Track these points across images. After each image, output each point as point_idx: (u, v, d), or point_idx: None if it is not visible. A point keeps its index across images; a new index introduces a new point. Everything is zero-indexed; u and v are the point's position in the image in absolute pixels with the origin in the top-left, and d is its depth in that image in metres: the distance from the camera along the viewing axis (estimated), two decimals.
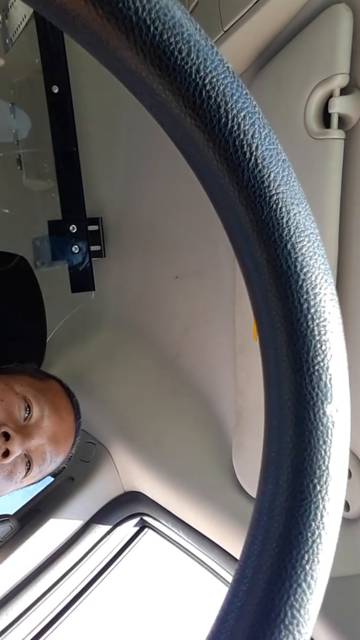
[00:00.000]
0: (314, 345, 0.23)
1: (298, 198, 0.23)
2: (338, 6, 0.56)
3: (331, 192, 0.59)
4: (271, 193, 0.22)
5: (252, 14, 0.62)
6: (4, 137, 1.12)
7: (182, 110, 0.21)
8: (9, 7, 1.10)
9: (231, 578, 0.23)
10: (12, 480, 0.79)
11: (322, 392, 0.23)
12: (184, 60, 0.20)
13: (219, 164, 0.22)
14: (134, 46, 0.20)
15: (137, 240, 1.05)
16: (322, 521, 0.22)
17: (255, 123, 0.22)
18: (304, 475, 0.22)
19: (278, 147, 0.23)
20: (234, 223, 0.23)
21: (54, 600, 0.91)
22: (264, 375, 0.25)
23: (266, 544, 0.22)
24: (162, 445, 0.93)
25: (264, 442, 0.24)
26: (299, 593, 0.21)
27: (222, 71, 0.21)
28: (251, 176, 0.22)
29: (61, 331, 1.16)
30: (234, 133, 0.21)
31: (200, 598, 1.17)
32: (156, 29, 0.20)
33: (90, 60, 0.23)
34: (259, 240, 0.23)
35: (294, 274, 0.23)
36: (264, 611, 0.21)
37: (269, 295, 0.23)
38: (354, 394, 0.25)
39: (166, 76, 0.20)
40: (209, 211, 0.24)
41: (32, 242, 1.14)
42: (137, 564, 1.03)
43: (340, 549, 0.23)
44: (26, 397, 0.81)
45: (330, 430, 0.22)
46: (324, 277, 0.23)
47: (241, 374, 0.78)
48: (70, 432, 0.86)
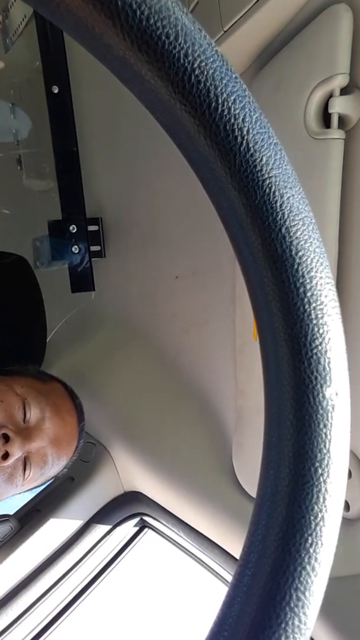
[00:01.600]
0: (312, 328, 0.23)
1: (291, 181, 0.23)
2: (338, 6, 0.56)
3: (331, 192, 0.59)
4: (264, 177, 0.22)
5: (252, 14, 0.62)
6: (4, 137, 1.12)
7: (171, 96, 0.21)
8: (9, 7, 1.10)
9: (231, 578, 0.23)
10: (13, 484, 0.78)
11: (321, 375, 0.23)
12: (172, 44, 0.20)
13: (210, 149, 0.22)
14: (121, 31, 0.19)
15: (137, 240, 1.05)
16: (325, 504, 0.22)
17: (246, 107, 0.22)
18: (305, 459, 0.22)
19: (269, 131, 0.22)
20: (228, 209, 0.23)
21: (54, 600, 0.91)
22: (262, 361, 0.24)
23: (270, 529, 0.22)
24: (162, 445, 0.93)
25: (265, 428, 0.24)
26: (303, 576, 0.21)
27: (211, 55, 0.21)
28: (243, 160, 0.22)
29: (61, 331, 1.16)
30: (224, 117, 0.21)
31: (200, 598, 1.17)
32: (142, 13, 0.19)
33: (90, 60, 0.22)
34: (252, 225, 0.22)
35: (289, 257, 0.22)
36: (270, 594, 0.21)
37: (265, 281, 0.23)
38: (354, 393, 0.25)
39: (154, 61, 0.20)
40: (209, 211, 0.24)
41: (32, 242, 1.14)
42: (137, 564, 1.03)
43: (340, 549, 0.23)
44: (27, 398, 0.80)
45: (330, 414, 0.22)
46: (320, 261, 0.23)
47: (241, 374, 0.78)
48: (72, 435, 0.85)
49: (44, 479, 0.84)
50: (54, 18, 0.20)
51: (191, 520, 0.87)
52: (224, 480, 0.83)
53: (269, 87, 0.65)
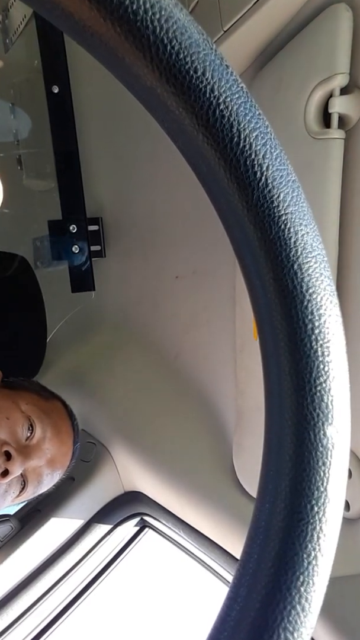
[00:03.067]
0: (317, 366, 0.23)
1: (306, 219, 0.23)
2: (338, 6, 0.56)
3: (331, 192, 0.59)
4: (280, 213, 0.22)
5: (252, 14, 0.62)
6: (4, 137, 1.12)
7: (195, 128, 0.21)
8: (9, 7, 1.10)
9: (231, 577, 0.23)
10: (5, 500, 0.79)
11: (323, 413, 0.23)
12: (199, 79, 0.20)
13: (229, 183, 0.22)
14: (150, 64, 0.20)
15: (137, 240, 1.05)
16: (319, 543, 0.22)
17: (267, 143, 0.22)
18: (301, 496, 0.22)
19: (288, 168, 0.23)
20: (242, 241, 0.23)
21: (55, 600, 0.91)
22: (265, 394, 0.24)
23: (261, 563, 0.22)
24: (162, 445, 0.93)
25: (263, 460, 0.24)
26: (292, 615, 0.21)
27: (236, 91, 0.21)
28: (261, 196, 0.22)
29: (61, 331, 1.16)
30: (245, 153, 0.22)
31: (200, 598, 1.17)
32: (173, 48, 0.20)
33: (90, 60, 0.23)
34: (266, 259, 0.23)
35: (300, 294, 0.23)
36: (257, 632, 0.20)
37: (274, 314, 0.23)
38: (354, 394, 0.25)
39: (180, 94, 0.21)
40: (209, 211, 0.24)
41: (32, 242, 1.14)
42: (138, 564, 1.03)
43: (340, 549, 0.23)
44: (31, 417, 0.81)
45: (330, 452, 0.22)
46: (329, 299, 0.23)
47: (241, 374, 0.78)
48: (67, 456, 0.86)
49: (35, 495, 0.85)
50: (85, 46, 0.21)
51: (191, 520, 0.87)
52: (224, 480, 0.83)
53: (269, 87, 0.65)
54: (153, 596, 1.40)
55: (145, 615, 1.41)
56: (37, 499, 0.95)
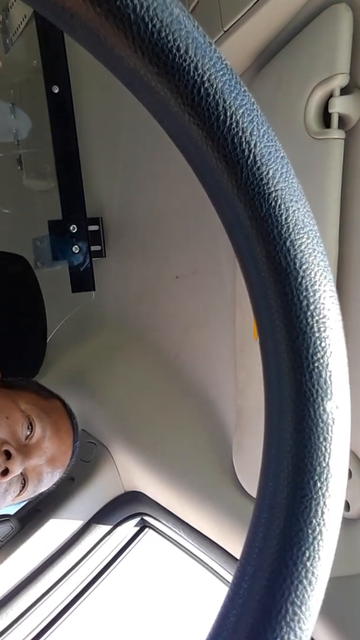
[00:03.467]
0: (314, 342, 0.23)
1: (297, 195, 0.23)
2: (338, 6, 0.56)
3: (331, 192, 0.59)
4: (270, 190, 0.22)
5: (252, 14, 0.62)
6: (4, 137, 1.12)
7: (180, 108, 0.21)
8: (9, 7, 1.10)
9: (231, 578, 0.23)
10: (5, 499, 0.79)
11: (322, 389, 0.23)
12: (182, 57, 0.20)
13: (217, 162, 0.22)
14: (132, 44, 0.20)
15: (137, 240, 1.05)
16: (323, 518, 0.22)
17: (254, 120, 0.22)
18: (304, 472, 0.22)
19: (276, 144, 0.23)
20: (233, 220, 0.23)
21: (55, 600, 0.91)
22: (263, 373, 0.24)
23: (267, 541, 0.22)
24: (162, 445, 0.93)
25: (264, 440, 0.24)
26: (300, 590, 0.21)
27: (220, 68, 0.21)
28: (250, 173, 0.22)
29: (61, 331, 1.16)
30: (232, 130, 0.21)
31: (200, 598, 1.17)
32: (154, 27, 0.19)
33: (90, 60, 0.23)
34: (257, 237, 0.23)
35: (293, 270, 0.22)
36: (266, 608, 0.21)
37: (268, 293, 0.23)
38: (355, 394, 0.25)
39: (164, 74, 0.20)
40: (209, 211, 0.24)
41: (32, 242, 1.14)
42: (138, 564, 1.03)
43: (340, 549, 0.23)
44: (30, 416, 0.81)
45: (330, 427, 0.22)
46: (324, 274, 0.23)
47: (241, 374, 0.78)
48: (67, 455, 0.86)
49: (35, 494, 0.85)
50: (66, 28, 0.20)
51: (191, 520, 0.87)
52: (224, 480, 0.83)
53: (269, 87, 0.65)
54: (153, 596, 1.40)
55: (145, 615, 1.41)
56: (37, 498, 0.95)
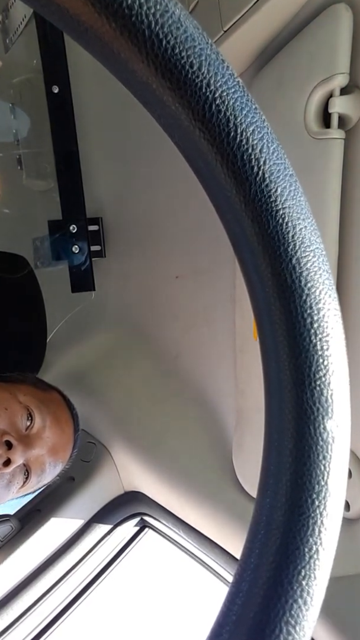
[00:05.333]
0: (317, 360, 0.23)
1: (304, 213, 0.23)
2: (338, 6, 0.56)
3: (331, 192, 0.59)
4: (277, 207, 0.22)
5: (252, 14, 0.62)
6: (4, 137, 1.12)
7: (191, 123, 0.21)
8: (9, 7, 1.10)
9: (231, 577, 0.23)
10: (10, 490, 0.79)
11: (323, 407, 0.23)
12: (195, 74, 0.20)
13: (226, 177, 0.22)
14: (146, 59, 0.20)
15: (137, 240, 1.05)
16: (320, 537, 0.22)
17: (264, 137, 0.22)
18: (302, 490, 0.22)
19: (285, 162, 0.23)
20: (240, 236, 0.23)
21: (55, 600, 0.91)
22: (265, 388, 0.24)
23: (263, 558, 0.22)
24: (162, 445, 0.93)
25: (264, 455, 0.24)
26: (294, 609, 0.21)
27: (232, 85, 0.21)
28: (258, 190, 0.22)
29: (61, 331, 1.16)
30: (242, 147, 0.22)
31: (200, 598, 1.17)
32: (168, 43, 0.20)
33: (90, 60, 0.23)
34: (264, 254, 0.23)
35: (298, 288, 0.23)
36: (259, 626, 0.21)
37: (273, 309, 0.23)
38: (355, 394, 0.25)
39: (176, 89, 0.20)
40: (209, 211, 0.24)
41: (32, 242, 1.14)
42: (138, 564, 1.03)
43: (340, 549, 0.23)
44: (29, 406, 0.81)
45: (330, 446, 0.22)
46: (328, 293, 0.23)
47: (241, 374, 0.78)
48: (68, 444, 0.86)
49: (39, 486, 0.85)
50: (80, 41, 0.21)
51: (191, 520, 0.87)
52: (224, 480, 0.83)
53: (269, 87, 0.65)
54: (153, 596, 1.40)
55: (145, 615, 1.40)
56: (37, 498, 0.95)
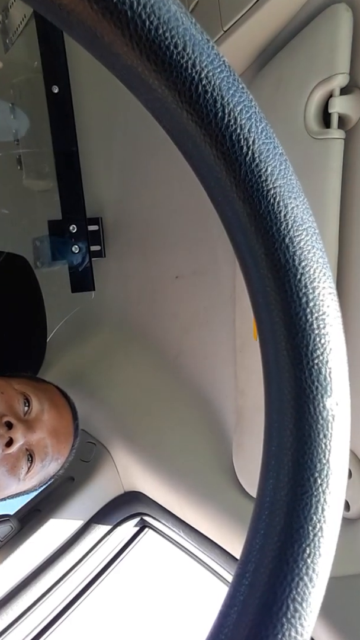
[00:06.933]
0: (313, 339, 0.23)
1: (295, 192, 0.23)
2: (338, 6, 0.56)
3: (331, 192, 0.59)
4: (268, 187, 0.22)
5: (252, 14, 0.62)
6: (4, 137, 1.12)
7: (178, 105, 0.21)
8: (9, 7, 1.10)
9: (231, 577, 0.23)
10: (15, 476, 0.79)
11: (321, 385, 0.22)
12: (180, 54, 0.20)
13: (215, 159, 0.22)
14: (130, 41, 0.19)
15: (137, 240, 1.05)
16: (324, 514, 0.22)
17: (252, 117, 0.22)
18: (304, 469, 0.22)
19: (275, 141, 0.22)
20: (232, 217, 0.23)
21: (55, 600, 0.91)
22: (263, 370, 0.24)
23: (268, 538, 0.22)
24: (162, 445, 0.93)
25: (265, 437, 0.24)
26: (300, 586, 0.21)
27: (218, 65, 0.21)
28: (248, 170, 0.22)
29: (61, 331, 1.16)
30: (230, 127, 0.21)
31: (200, 598, 1.17)
32: (151, 24, 0.19)
33: (90, 60, 0.22)
34: (256, 234, 0.23)
35: (292, 267, 0.22)
36: (266, 604, 0.21)
37: (268, 290, 0.23)
38: (354, 394, 0.25)
39: (162, 71, 0.20)
40: (208, 211, 0.24)
41: (32, 242, 1.14)
42: (138, 564, 1.03)
43: (340, 549, 0.23)
44: (25, 392, 0.82)
45: (330, 424, 0.22)
46: (323, 271, 0.23)
47: (241, 374, 0.78)
48: (69, 430, 0.86)
49: (44, 474, 0.85)
50: (63, 26, 0.20)
51: (191, 520, 0.87)
52: (224, 480, 0.83)
53: (269, 87, 0.65)
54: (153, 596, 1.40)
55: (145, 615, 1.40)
56: (37, 498, 0.95)
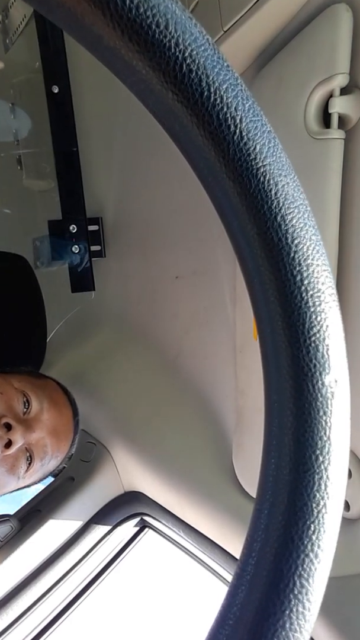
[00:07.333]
0: (309, 316, 0.22)
1: (285, 169, 0.23)
2: (338, 6, 0.56)
3: (331, 192, 0.59)
4: (258, 165, 0.22)
5: (252, 14, 0.62)
6: (4, 137, 1.12)
7: (163, 86, 0.21)
8: (9, 7, 1.10)
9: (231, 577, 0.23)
10: (15, 475, 0.79)
11: (319, 363, 0.22)
12: (162, 33, 0.20)
13: (203, 139, 0.21)
14: (110, 21, 0.19)
15: (137, 240, 1.05)
16: (327, 491, 0.22)
17: (238, 95, 0.21)
18: (305, 447, 0.22)
19: (263, 119, 0.22)
20: (223, 198, 0.23)
21: (55, 600, 0.91)
22: (261, 350, 0.24)
23: (272, 517, 0.22)
24: (162, 445, 0.93)
25: (265, 418, 0.24)
26: (306, 563, 0.21)
27: (202, 43, 0.21)
28: (237, 149, 0.21)
29: (61, 331, 1.16)
30: (217, 106, 0.21)
31: (200, 598, 1.17)
32: (132, 2, 0.19)
33: (90, 60, 0.22)
34: (248, 214, 0.22)
35: (285, 246, 0.22)
36: (273, 582, 0.21)
37: (262, 270, 0.23)
38: (354, 394, 0.25)
39: (145, 51, 0.20)
40: (209, 211, 0.24)
41: (32, 242, 1.14)
42: (138, 564, 1.03)
43: (340, 549, 0.23)
44: (25, 391, 0.82)
45: (329, 401, 0.22)
46: (316, 248, 0.23)
47: (242, 374, 0.78)
48: (69, 427, 0.86)
49: (44, 472, 0.85)
50: (43, 9, 0.20)
51: (191, 520, 0.87)
52: (224, 480, 0.83)
53: (269, 87, 0.65)
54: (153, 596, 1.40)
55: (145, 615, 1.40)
56: (37, 498, 0.95)
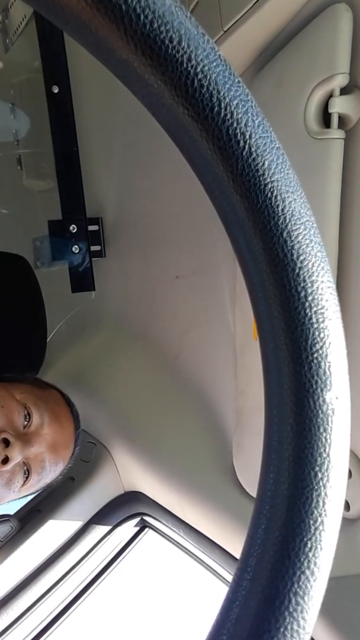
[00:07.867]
0: (313, 333, 0.23)
1: (293, 186, 0.23)
2: (338, 6, 0.56)
3: (331, 192, 0.59)
4: (266, 181, 0.22)
5: (252, 14, 0.62)
6: (4, 137, 1.12)
7: (174, 100, 0.21)
8: (9, 7, 1.10)
9: (231, 577, 0.23)
10: (10, 489, 0.78)
11: (321, 379, 0.22)
12: (175, 49, 0.20)
13: (212, 153, 0.22)
14: (124, 35, 0.19)
15: (137, 240, 1.05)
16: (324, 509, 0.22)
17: (249, 111, 0.22)
18: (305, 463, 0.22)
19: (272, 135, 0.22)
20: (229, 212, 0.23)
21: (55, 600, 0.91)
22: (263, 365, 0.24)
23: (269, 533, 0.22)
24: (162, 445, 0.93)
25: (265, 431, 0.24)
26: (302, 580, 0.21)
27: (214, 59, 0.21)
28: (245, 165, 0.22)
29: (61, 331, 1.16)
30: (227, 122, 0.21)
31: (200, 598, 1.17)
32: (146, 18, 0.19)
33: (90, 60, 0.22)
34: (254, 229, 0.22)
35: (291, 262, 0.22)
36: (269, 599, 0.21)
37: (266, 285, 0.23)
38: (354, 394, 0.25)
39: (157, 66, 0.20)
40: (209, 211, 0.24)
41: (32, 242, 1.14)
42: (138, 564, 1.03)
43: (340, 549, 0.23)
44: (26, 404, 0.80)
45: (330, 418, 0.22)
46: (321, 265, 0.23)
47: (242, 374, 0.78)
48: (69, 441, 0.85)
49: (41, 485, 0.84)
50: (57, 21, 0.20)
51: (191, 520, 0.87)
52: (224, 480, 0.83)
53: (269, 87, 0.65)
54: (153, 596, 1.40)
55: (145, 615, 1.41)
56: (37, 498, 0.95)
